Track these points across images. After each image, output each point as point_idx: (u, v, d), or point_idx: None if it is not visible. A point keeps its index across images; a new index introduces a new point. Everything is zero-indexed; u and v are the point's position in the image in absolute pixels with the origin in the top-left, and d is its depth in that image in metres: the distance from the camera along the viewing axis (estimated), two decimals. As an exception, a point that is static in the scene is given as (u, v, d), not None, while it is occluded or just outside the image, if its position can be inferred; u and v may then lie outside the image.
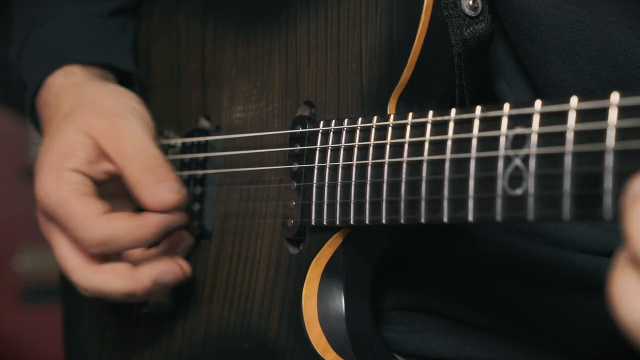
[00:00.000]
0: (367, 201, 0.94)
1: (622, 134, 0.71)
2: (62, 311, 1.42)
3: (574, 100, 0.76)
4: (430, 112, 0.89)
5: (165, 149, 1.23)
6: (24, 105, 1.26)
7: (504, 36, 1.01)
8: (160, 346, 1.21)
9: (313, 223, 1.00)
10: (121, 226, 1.07)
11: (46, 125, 1.19)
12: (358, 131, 0.96)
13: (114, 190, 1.14)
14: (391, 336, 1.11)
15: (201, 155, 1.18)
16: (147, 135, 1.11)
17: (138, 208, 1.13)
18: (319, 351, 0.99)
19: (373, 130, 0.95)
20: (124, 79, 1.27)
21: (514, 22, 0.98)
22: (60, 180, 1.09)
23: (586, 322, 1.05)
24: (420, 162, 0.89)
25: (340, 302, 1.01)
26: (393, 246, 1.03)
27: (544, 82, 0.99)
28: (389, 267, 1.09)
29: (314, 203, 1.00)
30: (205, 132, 1.19)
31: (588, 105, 0.75)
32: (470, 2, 0.94)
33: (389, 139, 0.93)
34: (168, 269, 1.10)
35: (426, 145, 0.89)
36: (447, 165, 0.86)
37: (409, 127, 0.91)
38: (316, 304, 1.01)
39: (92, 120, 1.12)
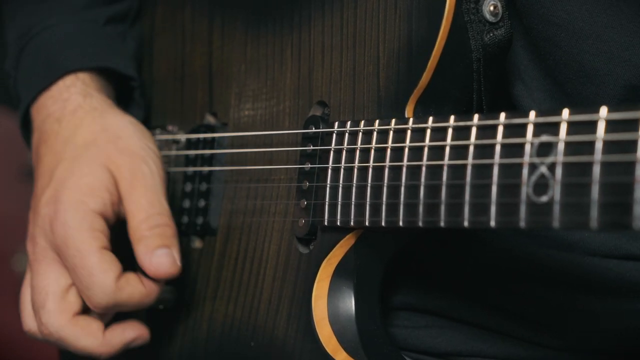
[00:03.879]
0: (384, 203, 0.94)
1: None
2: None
3: (603, 110, 0.77)
4: (452, 117, 0.89)
5: (170, 144, 1.23)
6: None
7: (523, 39, 1.02)
8: (160, 344, 1.20)
9: (326, 223, 1.00)
10: (133, 295, 1.06)
11: (55, 142, 1.15)
12: (375, 133, 0.96)
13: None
14: (395, 331, 1.12)
15: (208, 152, 1.17)
16: (162, 188, 1.10)
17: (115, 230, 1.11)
18: (329, 351, 0.99)
19: (391, 133, 0.95)
20: (124, 85, 1.25)
21: (544, 14, 0.98)
22: (85, 222, 1.07)
23: (593, 321, 1.07)
24: (441, 166, 0.89)
25: (350, 303, 1.01)
26: (404, 247, 1.03)
27: (576, 73, 0.99)
28: (396, 266, 1.09)
29: (327, 203, 1.00)
30: (211, 129, 1.19)
31: (619, 115, 0.76)
32: (492, 8, 0.95)
33: (407, 142, 0.93)
34: (139, 335, 1.11)
35: (447, 149, 0.89)
36: (468, 170, 0.87)
37: (429, 131, 0.91)
38: (326, 304, 1.02)
39: (114, 155, 1.10)
